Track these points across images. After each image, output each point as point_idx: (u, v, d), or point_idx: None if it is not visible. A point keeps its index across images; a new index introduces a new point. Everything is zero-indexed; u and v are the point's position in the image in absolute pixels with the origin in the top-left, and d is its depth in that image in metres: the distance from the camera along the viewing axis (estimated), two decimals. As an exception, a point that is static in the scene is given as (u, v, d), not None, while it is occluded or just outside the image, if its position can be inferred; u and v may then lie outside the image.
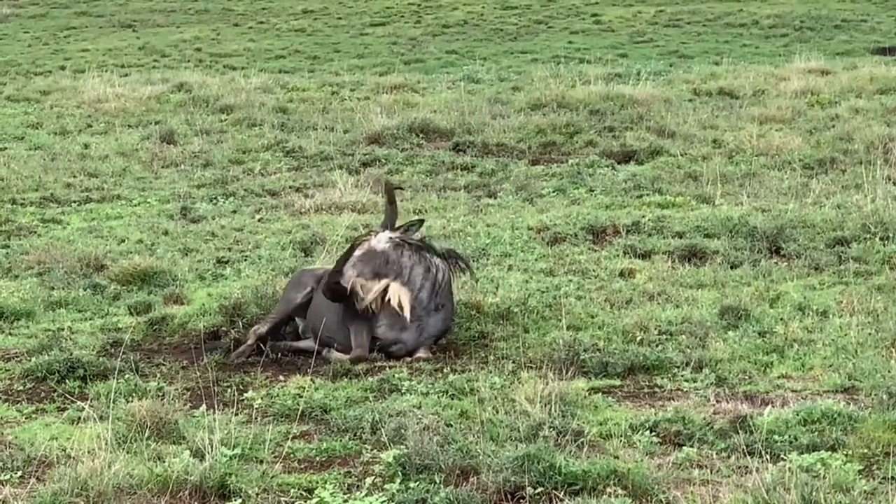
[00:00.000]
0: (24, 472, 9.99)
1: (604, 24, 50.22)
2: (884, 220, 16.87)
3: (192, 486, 9.44)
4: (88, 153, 25.07)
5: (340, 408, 11.34)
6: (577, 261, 16.25)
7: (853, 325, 13.08)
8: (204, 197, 21.05)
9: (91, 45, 47.70)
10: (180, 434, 10.57)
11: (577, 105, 27.75)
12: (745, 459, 9.81)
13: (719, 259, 16.02)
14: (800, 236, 16.68)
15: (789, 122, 25.99)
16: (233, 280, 15.61)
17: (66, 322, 14.26)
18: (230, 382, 12.29)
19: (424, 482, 9.53)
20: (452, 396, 11.53)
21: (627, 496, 9.22)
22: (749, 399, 11.42)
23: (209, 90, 32.38)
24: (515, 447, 9.90)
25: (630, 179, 21.37)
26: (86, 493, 9.16)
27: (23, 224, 19.28)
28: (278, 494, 9.51)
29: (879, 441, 10.11)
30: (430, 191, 21.16)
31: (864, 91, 29.38)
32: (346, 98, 31.63)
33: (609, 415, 11.07)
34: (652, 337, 13.01)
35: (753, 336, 13.00)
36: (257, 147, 25.17)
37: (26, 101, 32.82)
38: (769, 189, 19.95)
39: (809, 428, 10.46)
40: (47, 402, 11.79)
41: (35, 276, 16.02)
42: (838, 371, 11.98)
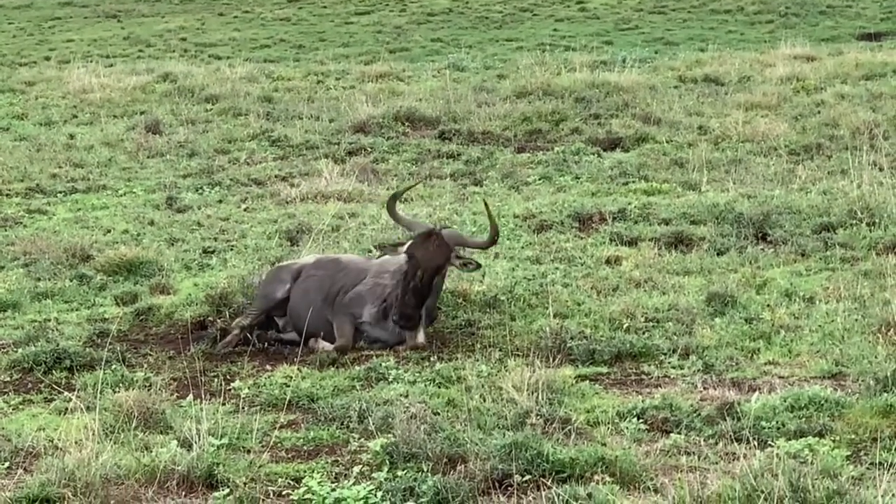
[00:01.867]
0: (12, 462, 9.98)
1: (589, 11, 50.22)
2: (870, 206, 16.90)
3: (179, 476, 9.44)
4: (74, 143, 25.06)
5: (327, 397, 11.35)
6: (563, 248, 16.26)
7: (840, 311, 13.10)
8: (190, 187, 21.06)
9: (76, 35, 47.67)
10: (167, 424, 10.57)
11: (563, 93, 27.74)
12: (732, 446, 9.83)
13: (706, 246, 16.05)
14: (786, 222, 16.70)
15: (775, 108, 26.01)
16: (219, 270, 15.61)
17: (52, 313, 14.26)
18: (217, 372, 12.31)
19: (412, 470, 9.53)
20: (440, 385, 11.54)
21: (615, 483, 9.22)
22: (736, 386, 11.44)
23: (194, 80, 32.36)
24: (503, 435, 9.91)
25: (616, 167, 21.39)
26: (73, 484, 9.15)
27: (8, 215, 19.27)
28: (266, 484, 9.51)
29: (867, 427, 10.14)
30: (415, 179, 21.15)
31: (849, 77, 29.41)
32: (332, 87, 31.62)
33: (596, 402, 11.08)
34: (639, 324, 13.03)
35: (740, 322, 13.02)
36: (243, 136, 25.16)
37: (11, 92, 32.78)
38: (755, 175, 19.98)
39: (797, 414, 10.48)
40: (34, 393, 11.79)
41: (21, 267, 16.01)
42: (825, 357, 12.00)
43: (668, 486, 8.95)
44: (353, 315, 13.04)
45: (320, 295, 13.21)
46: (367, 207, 18.87)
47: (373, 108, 26.68)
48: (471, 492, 9.15)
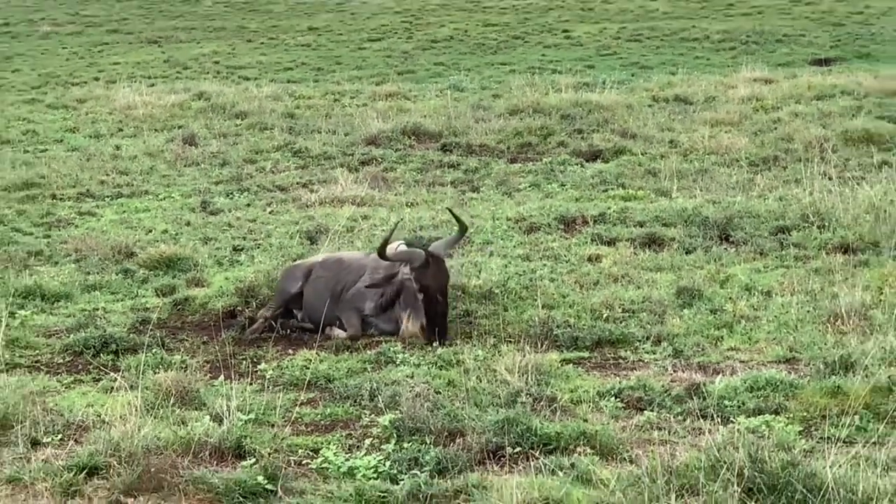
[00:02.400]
0: (64, 435, 9.98)
1: (573, 39, 50.15)
2: (820, 211, 16.91)
3: (211, 447, 9.44)
4: (119, 154, 25.08)
5: (342, 378, 11.35)
6: (550, 247, 16.26)
7: (793, 303, 13.09)
8: (221, 192, 21.07)
9: (122, 58, 47.60)
10: (201, 401, 10.58)
11: (550, 110, 27.73)
12: (698, 422, 9.83)
13: (675, 245, 16.04)
14: (746, 225, 16.70)
15: (737, 124, 26.01)
16: (247, 265, 15.60)
17: (100, 303, 14.27)
18: (245, 356, 12.29)
19: (416, 443, 9.54)
20: (441, 367, 11.54)
21: (595, 455, 9.23)
22: (702, 369, 11.44)
23: (226, 98, 32.37)
24: (496, 412, 9.92)
25: (597, 175, 21.40)
26: (118, 454, 9.15)
27: (62, 217, 19.30)
28: (288, 454, 9.51)
29: (817, 405, 10.14)
30: (420, 186, 21.18)
31: (802, 97, 29.38)
32: (347, 105, 31.60)
33: (579, 383, 11.08)
34: (616, 314, 13.03)
35: (706, 313, 13.02)
36: (268, 148, 25.17)
37: (65, 109, 32.79)
38: (719, 184, 19.98)
39: (755, 394, 10.48)
40: (84, 374, 11.79)
41: (73, 263, 16.03)
42: (781, 344, 12.00)
43: (642, 458, 8.95)
44: (358, 308, 13.03)
45: (328, 292, 13.19)
46: (378, 211, 18.87)
47: (383, 123, 26.70)
48: (468, 462, 9.15)
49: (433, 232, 16.80)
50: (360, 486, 8.82)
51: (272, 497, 8.77)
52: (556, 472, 8.82)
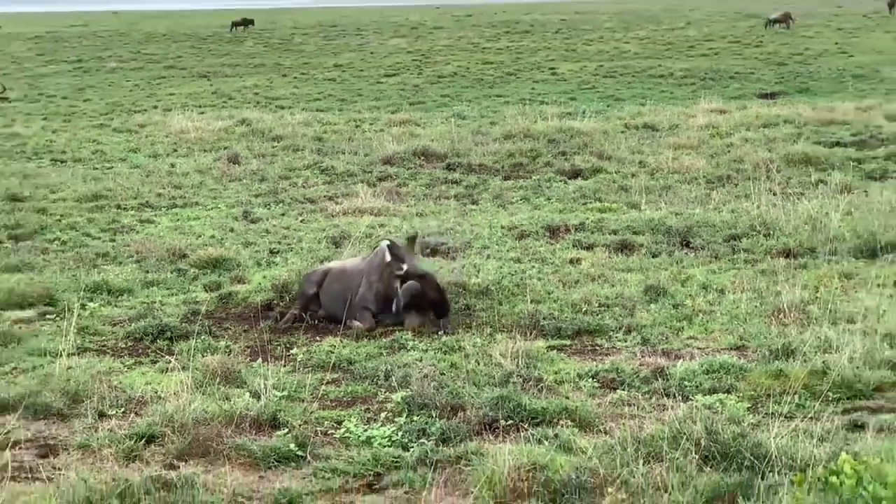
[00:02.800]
0: (126, 408, 10.00)
1: (558, 75, 50.22)
2: (766, 221, 16.93)
3: (251, 419, 9.44)
4: (174, 171, 25.11)
5: (362, 361, 11.35)
6: (537, 251, 16.26)
7: (743, 299, 13.10)
8: (260, 203, 21.08)
9: (176, 90, 47.68)
10: (242, 380, 10.58)
11: (538, 135, 27.80)
12: (662, 400, 9.81)
13: (644, 250, 16.04)
14: (703, 233, 16.71)
15: (696, 148, 26.03)
16: (281, 266, 15.60)
17: (157, 297, 14.28)
18: (279, 342, 12.29)
19: (424, 416, 9.54)
20: (445, 352, 11.54)
21: (575, 427, 9.24)
22: (666, 355, 11.44)
23: (264, 124, 32.46)
24: (492, 390, 9.92)
25: (577, 191, 21.41)
26: (171, 425, 9.16)
27: (125, 223, 19.31)
28: (315, 425, 9.51)
29: (763, 386, 10.14)
30: (428, 199, 21.19)
31: (751, 125, 29.43)
32: (366, 130, 31.64)
33: (561, 366, 11.08)
34: (593, 308, 13.02)
35: (669, 308, 13.02)
36: (300, 166, 25.20)
37: (128, 132, 32.87)
38: (681, 198, 19.98)
39: (710, 376, 10.49)
40: (143, 357, 11.79)
41: (134, 263, 16.04)
42: (732, 334, 12.00)
43: (615, 429, 8.95)
44: (366, 307, 12.99)
45: (341, 297, 13.13)
46: (392, 220, 18.89)
47: (397, 146, 26.75)
48: (468, 432, 9.16)
49: (440, 238, 16.81)
50: (376, 452, 8.84)
51: (302, 462, 8.77)
52: (542, 441, 8.82)
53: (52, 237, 18.17)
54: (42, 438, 9.42)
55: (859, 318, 11.94)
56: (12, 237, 18.14)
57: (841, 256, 15.08)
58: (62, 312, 13.13)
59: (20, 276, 15.06)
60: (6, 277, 14.99)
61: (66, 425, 9.69)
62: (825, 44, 64.14)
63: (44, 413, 9.89)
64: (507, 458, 8.12)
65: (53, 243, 17.70)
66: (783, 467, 7.92)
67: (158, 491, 7.94)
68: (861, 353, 10.61)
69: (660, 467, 8.00)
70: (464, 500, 7.99)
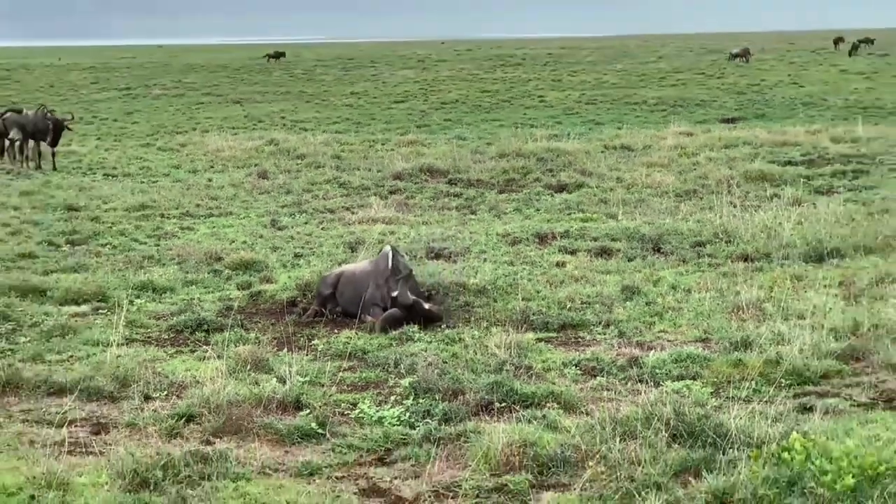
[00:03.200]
0: (169, 391, 10.00)
1: (546, 102, 50.21)
2: (728, 230, 16.93)
3: (277, 402, 9.44)
4: (211, 184, 25.10)
5: (374, 350, 11.34)
6: (528, 256, 16.25)
7: (707, 298, 13.09)
8: (286, 213, 21.06)
9: (213, 114, 47.68)
10: (270, 367, 10.57)
11: (529, 154, 27.78)
12: (637, 385, 9.82)
13: (620, 255, 16.04)
14: (673, 240, 16.70)
15: (666, 166, 26.01)
16: (304, 267, 15.58)
17: (195, 294, 14.26)
18: (302, 334, 12.28)
19: (429, 399, 9.54)
20: (447, 343, 11.53)
21: (560, 408, 9.24)
22: (640, 346, 11.44)
23: (290, 144, 32.43)
24: (488, 376, 9.93)
25: (563, 203, 21.41)
26: (208, 406, 9.16)
27: (168, 230, 19.31)
28: (334, 407, 9.51)
29: (724, 374, 10.14)
30: (433, 210, 21.18)
31: (714, 146, 29.41)
32: (379, 149, 31.62)
33: (548, 356, 11.07)
34: (577, 305, 13.01)
35: (642, 305, 13.01)
36: (321, 181, 25.17)
37: (170, 150, 32.85)
38: (653, 209, 19.97)
39: (679, 365, 10.48)
40: (183, 347, 11.79)
41: (176, 265, 16.02)
42: (697, 328, 11.99)
43: (595, 411, 8.95)
44: (375, 304, 12.94)
45: (353, 297, 13.07)
46: (401, 227, 18.87)
47: (405, 163, 26.74)
48: (467, 413, 9.16)
49: (443, 243, 16.80)
50: (387, 430, 8.84)
51: (322, 438, 8.77)
52: (531, 421, 8.83)
53: (104, 242, 18.17)
54: (95, 418, 9.42)
55: (808, 314, 11.92)
56: (70, 242, 18.15)
57: (792, 261, 15.07)
58: (113, 308, 13.16)
59: (76, 276, 15.08)
60: (64, 277, 15.02)
61: (115, 406, 9.69)
62: (779, 75, 64.16)
63: (96, 395, 9.88)
64: (500, 436, 8.14)
65: (105, 247, 17.69)
66: (741, 444, 7.92)
67: (196, 463, 7.95)
68: (810, 345, 10.63)
69: (634, 444, 8.01)
70: (463, 472, 7.99)
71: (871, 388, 9.80)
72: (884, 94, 49.67)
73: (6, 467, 8.12)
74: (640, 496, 7.24)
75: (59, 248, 17.69)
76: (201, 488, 7.67)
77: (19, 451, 8.50)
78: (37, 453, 8.34)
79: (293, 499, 7.50)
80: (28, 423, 9.20)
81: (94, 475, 7.92)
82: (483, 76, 70.56)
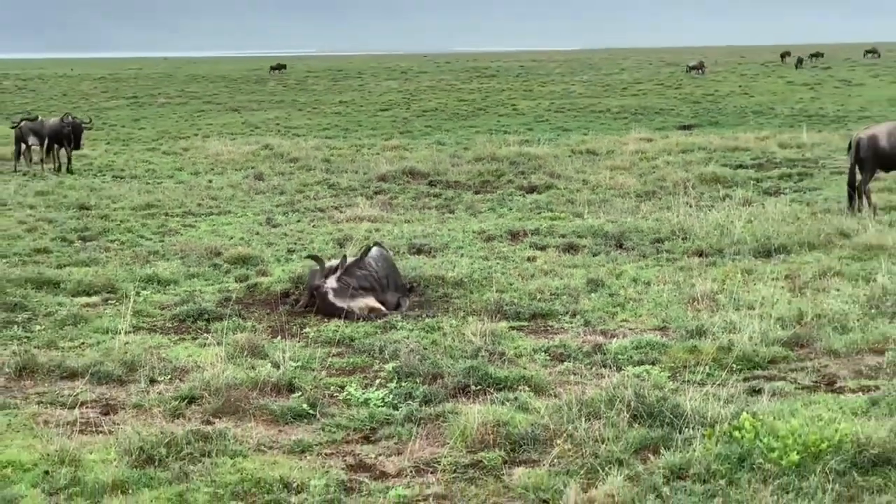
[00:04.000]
0: (172, 375, 9.96)
1: (518, 111, 50.27)
2: (684, 228, 16.97)
3: (272, 385, 9.42)
4: (211, 185, 25.04)
5: (361, 338, 11.32)
6: (501, 251, 16.26)
7: (665, 290, 13.12)
8: (280, 212, 21.02)
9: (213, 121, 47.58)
10: (265, 353, 10.54)
11: (503, 158, 27.82)
12: (601, 370, 9.84)
13: (586, 250, 16.04)
14: (634, 237, 16.73)
15: (628, 169, 26.06)
16: (297, 262, 15.55)
17: (197, 286, 14.22)
18: (295, 323, 12.25)
19: (410, 382, 9.53)
20: (427, 331, 11.51)
21: (531, 391, 9.23)
22: (603, 334, 11.44)
23: (283, 148, 32.41)
24: (465, 362, 9.91)
25: (533, 203, 21.41)
26: (208, 388, 9.14)
27: (171, 227, 19.25)
28: (323, 389, 9.49)
29: (680, 359, 10.16)
30: (414, 209, 21.16)
31: (672, 151, 29.51)
32: (365, 153, 31.60)
33: (520, 343, 11.07)
34: (546, 297, 13.00)
35: (606, 296, 13.02)
36: (312, 182, 25.13)
37: (174, 154, 32.78)
38: (616, 209, 20.00)
39: (639, 351, 10.49)
40: (185, 334, 11.75)
41: (179, 259, 15.98)
42: (656, 317, 12.01)
43: (562, 393, 8.95)
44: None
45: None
46: (385, 225, 18.86)
47: (389, 166, 26.72)
48: (445, 395, 9.15)
49: (422, 240, 16.80)
50: (372, 411, 8.83)
51: (313, 418, 8.76)
52: (504, 402, 8.84)
53: (113, 238, 18.11)
54: (104, 399, 9.39)
55: (757, 305, 11.97)
56: (81, 238, 18.09)
57: (743, 256, 15.12)
58: (121, 298, 13.12)
59: (87, 269, 15.03)
60: (76, 270, 14.96)
61: (123, 389, 9.66)
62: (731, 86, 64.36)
63: (106, 379, 9.85)
64: (476, 416, 8.14)
65: (114, 243, 17.64)
66: (696, 424, 7.94)
67: (197, 441, 7.94)
68: (758, 333, 10.66)
69: (598, 423, 8.02)
70: (442, 449, 7.99)
71: (814, 372, 9.84)
72: (826, 104, 49.90)
73: (23, 445, 8.10)
74: (604, 471, 7.26)
75: (72, 243, 17.63)
76: (202, 464, 7.66)
77: (34, 430, 8.48)
78: (51, 432, 8.32)
79: (286, 473, 7.49)
80: (43, 405, 9.18)
81: (103, 452, 7.90)
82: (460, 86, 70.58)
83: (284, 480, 7.37)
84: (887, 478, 7.07)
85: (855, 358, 10.20)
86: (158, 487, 7.29)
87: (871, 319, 11.30)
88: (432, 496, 7.18)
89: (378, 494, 7.22)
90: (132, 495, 7.15)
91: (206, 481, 7.40)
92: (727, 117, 44.44)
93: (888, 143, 19.16)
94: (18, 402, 9.23)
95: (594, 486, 7.05)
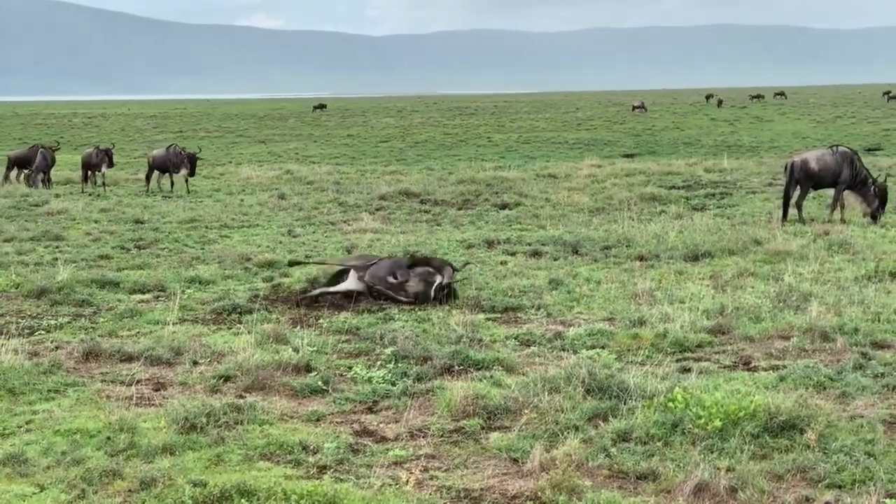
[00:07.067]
0: (211, 359, 9.93)
1: (493, 142, 50.28)
2: (628, 237, 17.03)
3: (293, 366, 9.40)
4: (243, 203, 24.97)
5: (365, 327, 11.30)
6: (479, 256, 16.25)
7: (613, 288, 13.14)
8: (299, 225, 20.98)
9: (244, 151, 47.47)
10: (287, 340, 10.51)
11: (481, 181, 27.84)
12: (560, 353, 9.84)
13: (548, 256, 16.06)
14: (587, 245, 16.74)
15: (582, 189, 26.11)
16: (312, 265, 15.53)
17: (231, 286, 14.18)
18: (311, 315, 12.24)
19: (405, 364, 9.51)
20: (419, 322, 11.50)
21: (504, 370, 9.24)
22: (563, 324, 11.45)
23: (302, 173, 32.34)
24: (450, 347, 9.91)
25: (505, 217, 21.45)
26: (241, 369, 9.13)
27: (210, 237, 19.19)
28: (334, 369, 9.48)
29: (625, 344, 10.17)
30: (408, 223, 21.15)
31: (618, 175, 29.58)
32: (368, 177, 31.56)
33: (495, 331, 11.07)
34: (516, 293, 13.00)
35: (564, 293, 13.03)
36: (325, 201, 25.06)
37: (212, 178, 32.65)
38: (573, 222, 20.05)
39: (591, 338, 10.50)
40: (222, 325, 11.72)
41: (216, 263, 15.93)
42: (605, 310, 12.02)
43: (530, 372, 8.96)
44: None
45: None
46: (385, 236, 18.84)
47: (388, 187, 26.71)
48: (434, 374, 9.14)
49: (415, 248, 16.78)
50: (374, 386, 8.82)
51: (326, 393, 8.75)
52: (482, 380, 8.84)
53: (163, 247, 18.05)
54: (156, 378, 9.36)
55: (687, 300, 12.01)
56: (137, 246, 18.04)
57: (675, 260, 15.16)
58: (169, 296, 13.10)
59: (142, 272, 15.00)
60: (133, 273, 14.93)
61: (171, 369, 9.64)
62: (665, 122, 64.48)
63: (157, 361, 9.82)
64: (459, 391, 8.15)
65: (164, 250, 17.58)
66: (638, 396, 7.96)
67: (232, 412, 7.92)
68: (688, 322, 10.70)
69: (558, 396, 8.04)
70: (431, 418, 7.99)
71: (733, 354, 9.88)
72: (742, 137, 50.05)
73: (89, 415, 8.09)
74: (563, 435, 7.28)
75: (129, 251, 17.57)
76: (235, 430, 7.65)
77: (99, 403, 8.47)
78: (112, 405, 8.31)
79: (304, 438, 7.49)
80: (105, 383, 9.15)
81: (154, 421, 7.89)
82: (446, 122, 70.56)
83: (303, 443, 7.37)
84: (793, 440, 7.11)
85: (766, 342, 10.25)
86: (200, 450, 7.28)
87: (779, 311, 11.36)
88: (424, 456, 7.19)
89: (379, 455, 7.23)
90: (179, 456, 7.15)
91: (239, 444, 7.39)
92: (663, 147, 44.53)
93: (817, 165, 19.19)
94: (85, 381, 9.20)
95: (555, 447, 7.06)
